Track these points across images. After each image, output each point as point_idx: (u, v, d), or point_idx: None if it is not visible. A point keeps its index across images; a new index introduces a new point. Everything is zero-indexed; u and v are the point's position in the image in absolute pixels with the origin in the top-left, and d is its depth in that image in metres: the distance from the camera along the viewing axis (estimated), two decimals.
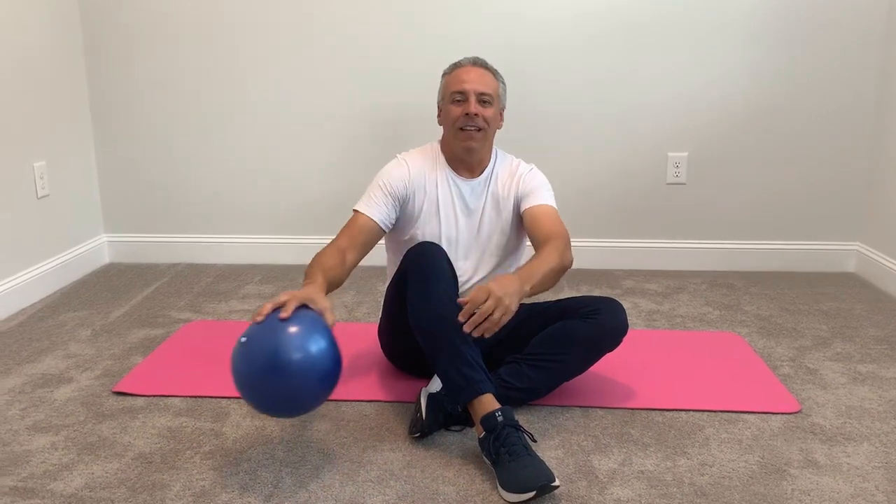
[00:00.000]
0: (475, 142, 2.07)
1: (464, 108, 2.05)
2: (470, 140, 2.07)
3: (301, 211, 3.37)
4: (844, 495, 1.64)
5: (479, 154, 2.11)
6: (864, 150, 3.19)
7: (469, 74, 2.08)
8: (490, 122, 2.08)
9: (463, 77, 2.08)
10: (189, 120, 3.30)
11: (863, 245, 3.25)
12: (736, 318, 2.73)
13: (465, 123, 2.05)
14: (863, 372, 2.28)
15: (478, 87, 2.05)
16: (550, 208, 2.10)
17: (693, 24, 3.10)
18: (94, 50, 3.25)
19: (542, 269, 1.86)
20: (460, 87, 2.06)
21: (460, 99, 2.06)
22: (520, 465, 1.62)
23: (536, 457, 1.65)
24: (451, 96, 2.08)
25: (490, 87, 2.07)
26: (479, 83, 2.06)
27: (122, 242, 3.44)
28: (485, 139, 2.09)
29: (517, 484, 1.59)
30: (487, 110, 2.06)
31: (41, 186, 2.94)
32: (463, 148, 2.08)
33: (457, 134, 2.07)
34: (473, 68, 2.09)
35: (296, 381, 1.60)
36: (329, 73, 3.21)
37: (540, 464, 1.63)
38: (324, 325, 1.66)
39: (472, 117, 2.04)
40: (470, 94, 2.05)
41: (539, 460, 1.64)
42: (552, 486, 1.58)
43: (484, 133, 2.07)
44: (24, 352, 2.42)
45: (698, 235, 3.32)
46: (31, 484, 1.68)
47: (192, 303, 2.89)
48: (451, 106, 2.08)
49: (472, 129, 2.05)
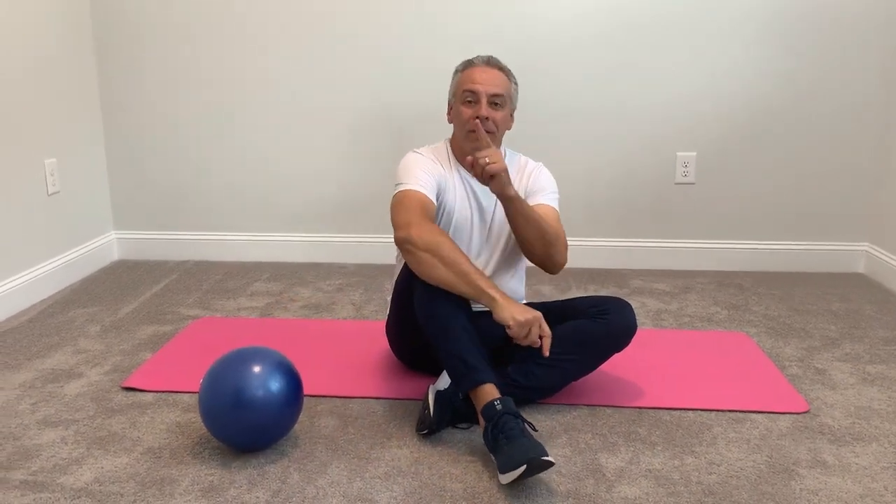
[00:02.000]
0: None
1: (475, 110, 2.02)
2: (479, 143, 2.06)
3: (310, 208, 3.37)
4: (853, 495, 1.64)
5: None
6: (873, 150, 3.18)
7: (482, 75, 2.04)
8: (500, 125, 2.05)
9: (475, 77, 2.04)
10: (198, 118, 3.31)
11: (872, 245, 3.24)
12: (744, 318, 2.72)
13: (477, 126, 2.03)
14: (872, 372, 2.27)
15: (490, 88, 2.02)
16: (552, 209, 2.10)
17: (701, 23, 3.10)
18: (105, 48, 3.26)
19: (536, 214, 1.95)
20: (472, 87, 2.03)
21: (471, 100, 2.03)
22: (513, 445, 1.62)
23: (532, 437, 1.64)
24: (462, 95, 2.05)
25: (502, 88, 2.04)
26: (492, 84, 2.02)
27: (132, 239, 3.45)
28: (495, 141, 2.05)
29: (510, 462, 1.59)
30: (498, 113, 2.04)
31: (51, 183, 2.96)
32: (473, 150, 2.07)
33: (467, 136, 2.05)
34: (487, 68, 2.05)
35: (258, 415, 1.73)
36: (338, 70, 3.22)
37: (534, 442, 1.62)
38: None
39: (483, 121, 2.01)
40: (482, 95, 2.01)
41: (534, 440, 1.63)
42: (544, 461, 1.57)
43: (493, 136, 2.04)
44: (34, 347, 2.44)
45: (706, 235, 3.31)
46: (41, 478, 1.69)
47: (200, 300, 2.90)
48: (461, 106, 2.06)
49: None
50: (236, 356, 1.77)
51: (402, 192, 1.98)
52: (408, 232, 1.84)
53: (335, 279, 3.17)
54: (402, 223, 1.89)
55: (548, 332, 1.81)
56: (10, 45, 2.70)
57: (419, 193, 1.96)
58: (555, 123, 3.21)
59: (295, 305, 2.85)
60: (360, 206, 3.34)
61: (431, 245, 1.81)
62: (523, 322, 1.77)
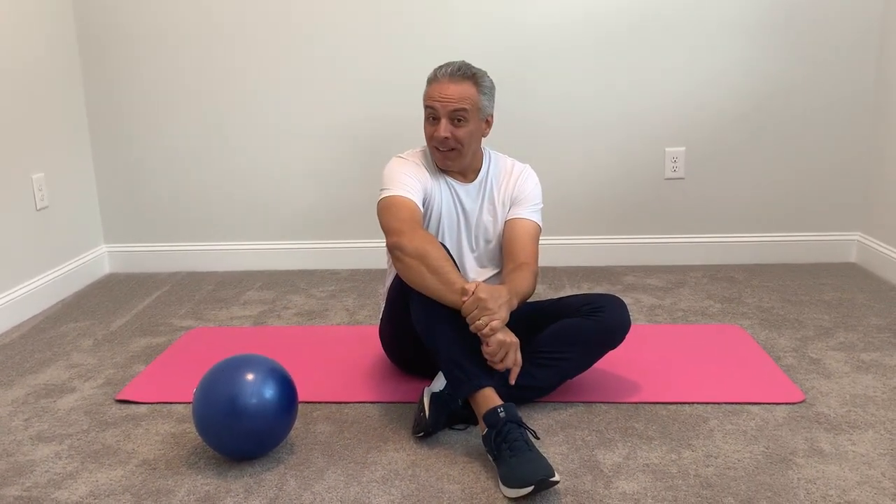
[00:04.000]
0: (450, 160, 2.05)
1: (436, 127, 1.99)
2: (445, 160, 2.05)
3: (302, 216, 3.37)
4: (851, 483, 1.64)
5: (462, 165, 2.09)
6: (863, 140, 3.19)
7: (444, 90, 1.98)
8: (464, 141, 2.01)
9: (435, 94, 1.99)
10: (187, 129, 3.30)
11: (863, 235, 3.24)
12: (738, 311, 2.72)
13: (438, 144, 2.01)
14: (866, 360, 2.27)
15: (449, 104, 1.97)
16: (532, 226, 2.10)
17: (689, 19, 3.11)
18: (91, 61, 3.25)
19: (522, 290, 1.93)
20: (432, 104, 2.00)
21: (434, 116, 2.01)
22: (520, 459, 1.61)
23: (537, 452, 1.64)
24: (426, 110, 2.03)
25: (466, 101, 1.98)
26: (453, 100, 1.97)
27: (123, 252, 3.44)
28: (460, 157, 2.04)
29: (516, 478, 1.59)
30: (461, 129, 1.99)
31: (40, 198, 2.95)
32: (442, 165, 2.08)
33: (433, 151, 2.06)
34: (449, 83, 1.98)
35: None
36: (328, 80, 3.22)
37: (540, 458, 1.62)
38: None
39: (443, 140, 1.99)
40: (441, 113, 1.98)
41: (539, 455, 1.63)
42: (551, 481, 1.58)
43: (458, 152, 2.02)
44: (27, 363, 2.42)
45: (698, 229, 3.32)
46: (35, 493, 1.68)
47: (193, 310, 2.89)
48: (425, 121, 2.04)
49: (446, 150, 2.02)
50: (229, 364, 1.76)
51: (390, 198, 1.97)
52: (399, 238, 1.85)
53: (328, 285, 3.16)
54: (393, 229, 1.89)
55: (520, 362, 1.81)
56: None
57: (406, 199, 1.96)
58: (543, 122, 3.21)
59: (288, 313, 2.84)
60: (351, 212, 3.33)
61: (420, 252, 1.81)
62: (502, 341, 1.76)
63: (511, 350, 1.78)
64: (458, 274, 1.83)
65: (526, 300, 1.96)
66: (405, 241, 1.84)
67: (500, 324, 1.75)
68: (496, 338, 1.75)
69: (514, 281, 1.94)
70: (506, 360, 1.78)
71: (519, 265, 2.02)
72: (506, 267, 2.07)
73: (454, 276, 1.80)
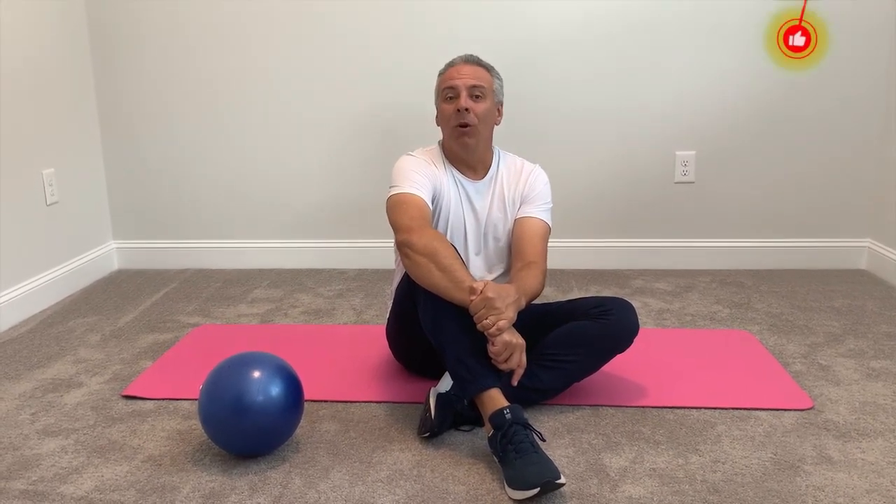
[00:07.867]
0: (468, 138, 2.05)
1: (455, 104, 2.03)
2: (463, 137, 2.05)
3: (309, 215, 3.37)
4: (859, 491, 1.62)
5: (477, 152, 2.09)
6: (874, 146, 3.17)
7: (461, 70, 2.07)
8: (482, 118, 2.04)
9: (454, 74, 2.07)
10: (196, 126, 3.31)
11: (874, 241, 3.22)
12: (746, 316, 2.71)
13: (459, 120, 2.03)
14: (876, 368, 2.26)
15: (468, 80, 2.04)
16: (542, 226, 2.10)
17: (700, 21, 3.09)
18: (102, 57, 3.26)
19: (531, 289, 1.93)
20: (451, 83, 2.05)
21: (452, 95, 2.05)
22: (526, 462, 1.61)
23: (543, 454, 1.64)
24: (443, 94, 2.08)
25: (482, 80, 2.06)
26: (471, 77, 2.05)
27: (131, 249, 3.45)
28: (477, 136, 2.06)
29: (522, 481, 1.58)
30: (479, 105, 2.04)
31: (50, 193, 2.96)
32: (459, 145, 2.07)
33: (452, 132, 2.06)
34: (465, 65, 2.08)
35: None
36: (336, 76, 3.22)
37: (546, 461, 1.61)
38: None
39: (464, 113, 2.01)
40: (461, 88, 2.04)
41: (546, 458, 1.63)
42: (557, 484, 1.57)
43: (475, 129, 2.04)
44: (34, 357, 2.43)
45: (707, 234, 3.30)
46: (41, 487, 1.68)
47: (200, 307, 2.89)
48: (444, 104, 2.08)
49: (465, 127, 2.03)
50: (235, 361, 1.76)
51: (399, 195, 1.98)
52: (408, 235, 1.85)
53: (335, 284, 3.16)
54: (403, 227, 1.90)
55: (524, 364, 1.81)
56: (5, 56, 2.70)
57: (416, 197, 1.97)
58: (552, 123, 3.21)
59: (295, 311, 2.84)
60: (359, 211, 3.33)
61: (429, 250, 1.81)
62: (508, 342, 1.76)
63: (516, 351, 1.77)
64: (467, 272, 1.83)
65: (534, 299, 1.95)
66: (415, 238, 1.84)
67: (507, 323, 1.75)
68: (502, 338, 1.75)
69: (523, 280, 1.93)
70: (510, 360, 1.78)
71: (527, 264, 2.01)
72: (514, 265, 2.07)
73: (463, 275, 1.80)
